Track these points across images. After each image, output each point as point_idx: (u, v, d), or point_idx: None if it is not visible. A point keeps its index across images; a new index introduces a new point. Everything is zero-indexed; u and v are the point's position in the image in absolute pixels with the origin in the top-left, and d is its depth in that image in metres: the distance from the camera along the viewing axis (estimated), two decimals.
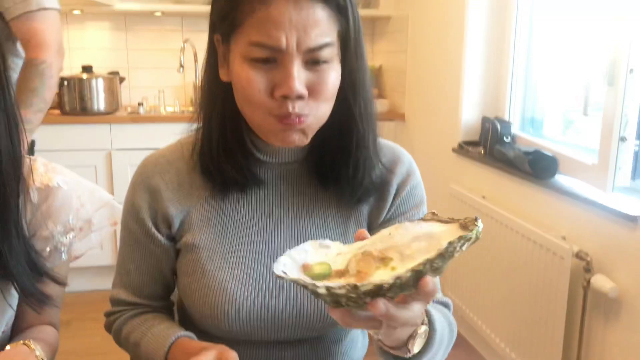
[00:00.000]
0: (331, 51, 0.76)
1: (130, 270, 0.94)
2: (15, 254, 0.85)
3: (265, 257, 0.88)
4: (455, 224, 0.62)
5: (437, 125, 2.78)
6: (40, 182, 0.92)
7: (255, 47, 0.74)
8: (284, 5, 0.72)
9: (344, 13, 0.76)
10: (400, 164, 0.94)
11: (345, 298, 0.56)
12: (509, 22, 2.36)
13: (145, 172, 0.91)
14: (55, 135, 2.87)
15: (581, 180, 1.84)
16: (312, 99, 0.77)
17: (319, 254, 0.63)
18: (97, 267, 3.04)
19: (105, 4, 3.02)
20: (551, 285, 1.80)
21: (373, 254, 0.61)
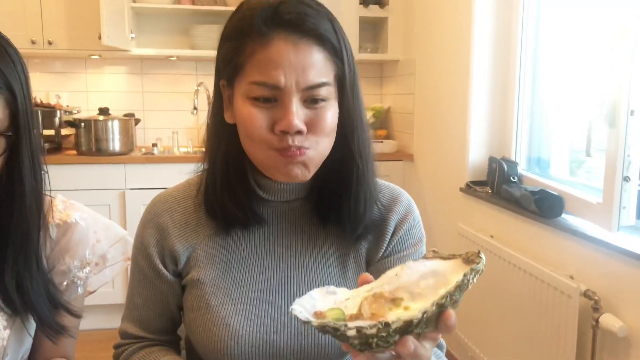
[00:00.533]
0: (328, 90, 0.81)
1: (138, 304, 0.97)
2: (36, 285, 0.89)
3: (267, 294, 0.91)
4: (458, 259, 0.64)
5: (445, 165, 2.82)
6: (59, 218, 0.97)
7: (256, 86, 0.79)
8: (283, 47, 0.78)
9: (340, 56, 0.82)
10: (398, 204, 0.97)
11: (376, 338, 0.57)
12: (513, 63, 2.43)
13: (154, 210, 0.95)
14: (72, 175, 2.94)
15: (587, 220, 1.86)
16: (311, 134, 0.81)
17: (328, 300, 0.63)
18: (109, 305, 3.06)
19: (123, 49, 3.13)
20: (560, 325, 1.80)
21: (384, 295, 0.62)
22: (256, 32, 0.79)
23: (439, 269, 0.63)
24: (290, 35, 0.78)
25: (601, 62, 1.93)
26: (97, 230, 1.02)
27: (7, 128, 0.82)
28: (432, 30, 2.95)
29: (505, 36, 2.46)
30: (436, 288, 0.61)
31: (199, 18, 3.45)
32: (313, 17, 0.79)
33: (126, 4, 3.10)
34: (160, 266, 0.94)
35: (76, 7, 3.13)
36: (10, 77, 0.82)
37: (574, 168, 2.20)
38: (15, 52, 0.84)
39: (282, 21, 0.78)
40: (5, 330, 0.90)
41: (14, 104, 0.82)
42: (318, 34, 0.79)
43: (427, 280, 0.62)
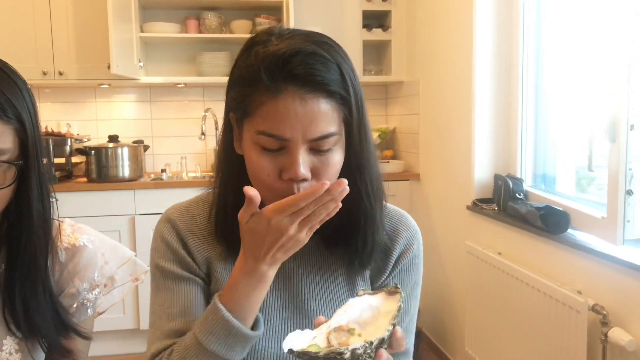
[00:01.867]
0: (335, 139, 0.82)
1: (174, 314, 0.92)
2: (42, 311, 0.91)
3: (280, 310, 0.93)
4: (383, 292, 0.82)
5: (451, 183, 2.84)
6: (67, 242, 0.99)
7: (264, 136, 0.80)
8: (291, 100, 0.78)
9: (347, 103, 0.82)
10: (404, 229, 0.99)
11: (365, 355, 0.72)
12: (515, 81, 2.46)
13: (171, 219, 0.96)
14: (82, 201, 2.99)
15: (593, 235, 1.87)
16: (315, 180, 0.82)
17: (302, 339, 0.76)
18: (120, 330, 3.08)
19: (132, 78, 3.20)
20: (569, 340, 1.79)
21: (343, 327, 0.78)
22: (264, 84, 0.79)
23: (372, 302, 0.81)
24: (298, 91, 0.78)
25: (600, 77, 1.96)
26: (105, 252, 1.03)
27: (17, 157, 0.85)
28: (435, 51, 2.99)
29: (506, 54, 2.49)
30: (375, 317, 0.79)
31: (206, 46, 3.53)
32: (322, 71, 0.79)
33: (134, 33, 3.18)
34: (192, 263, 0.94)
35: (86, 38, 3.21)
36: (19, 107, 0.84)
37: (584, 185, 2.21)
38: (22, 82, 0.87)
39: (291, 76, 0.78)
40: (17, 354, 0.92)
41: (24, 133, 0.85)
42: (327, 88, 0.79)
43: (367, 312, 0.80)
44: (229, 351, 0.82)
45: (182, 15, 3.48)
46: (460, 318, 2.72)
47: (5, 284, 0.91)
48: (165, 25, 3.36)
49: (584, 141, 2.09)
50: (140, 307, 3.07)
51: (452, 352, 2.91)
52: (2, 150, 0.82)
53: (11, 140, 0.83)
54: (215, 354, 0.82)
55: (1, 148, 0.81)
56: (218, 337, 0.82)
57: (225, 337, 0.82)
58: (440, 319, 3.00)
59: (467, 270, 2.55)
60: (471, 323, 2.53)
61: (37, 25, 3.18)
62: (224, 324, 0.81)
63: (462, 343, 2.65)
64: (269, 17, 3.41)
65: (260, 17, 3.42)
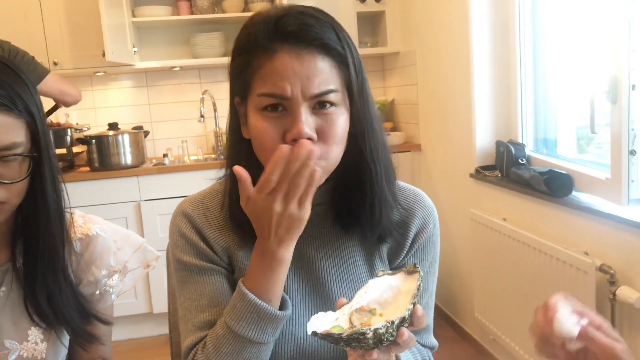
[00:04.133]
0: (336, 97, 0.82)
1: (203, 306, 0.92)
2: (65, 298, 0.94)
3: (303, 294, 0.94)
4: (402, 272, 0.83)
5: (453, 152, 2.84)
6: (80, 232, 1.01)
7: (264, 97, 0.81)
8: (288, 58, 0.80)
9: (345, 62, 0.83)
10: (420, 208, 0.99)
11: (387, 334, 0.73)
12: (513, 45, 2.44)
13: (186, 213, 0.96)
14: (86, 191, 3.00)
15: (597, 196, 1.88)
16: (322, 142, 0.82)
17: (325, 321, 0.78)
18: (133, 315, 3.12)
19: (127, 64, 3.18)
20: (578, 300, 1.82)
21: (364, 308, 0.79)
22: (260, 46, 0.81)
23: (392, 283, 0.82)
24: (293, 47, 0.80)
25: (600, 37, 1.95)
26: (117, 239, 1.06)
27: (30, 149, 0.87)
28: (430, 19, 2.97)
29: (502, 17, 2.47)
30: (395, 297, 0.80)
31: (199, 27, 3.50)
32: (315, 27, 0.81)
33: (127, 18, 3.15)
34: (213, 254, 0.94)
35: (78, 27, 3.18)
36: (28, 101, 0.86)
37: (583, 145, 2.21)
38: (27, 78, 0.89)
39: (284, 34, 0.80)
40: (42, 343, 0.95)
41: (34, 125, 0.87)
42: (321, 43, 0.80)
43: (387, 292, 0.81)
44: (261, 334, 0.84)
45: None
46: (469, 285, 2.76)
47: (25, 277, 0.93)
48: (156, 8, 3.33)
49: (584, 103, 2.09)
50: (152, 291, 3.10)
51: (462, 318, 2.95)
52: (17, 143, 0.84)
53: (24, 134, 0.85)
54: (248, 338, 0.83)
55: (16, 141, 0.84)
56: (248, 321, 0.83)
57: (256, 321, 0.83)
58: (449, 287, 3.04)
59: (473, 237, 2.57)
60: (480, 289, 2.56)
61: (28, 17, 3.15)
62: (253, 308, 0.83)
63: (471, 309, 2.69)
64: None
65: None
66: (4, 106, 0.82)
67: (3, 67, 0.86)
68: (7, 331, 0.93)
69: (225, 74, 0.91)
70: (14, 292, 0.95)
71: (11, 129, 0.83)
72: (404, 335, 0.74)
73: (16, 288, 0.95)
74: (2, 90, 0.83)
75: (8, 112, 0.83)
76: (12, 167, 0.85)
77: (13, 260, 0.95)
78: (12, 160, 0.84)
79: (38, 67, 2.66)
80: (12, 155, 0.84)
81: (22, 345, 0.93)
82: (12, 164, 0.85)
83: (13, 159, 0.84)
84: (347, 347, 0.74)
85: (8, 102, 0.83)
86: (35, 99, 0.88)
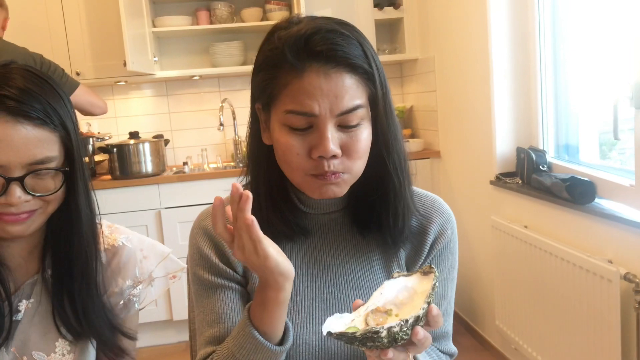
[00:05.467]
0: (362, 113, 0.83)
1: (213, 320, 0.94)
2: (96, 311, 0.95)
3: (319, 301, 0.94)
4: (417, 273, 0.83)
5: (473, 159, 2.82)
6: (107, 243, 1.02)
7: (292, 114, 0.82)
8: (315, 77, 0.80)
9: (371, 78, 0.84)
10: (438, 214, 0.99)
11: (401, 332, 0.73)
12: (533, 50, 2.42)
13: (203, 225, 0.97)
14: (108, 199, 3.03)
15: (621, 203, 1.85)
16: (346, 157, 0.84)
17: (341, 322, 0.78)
18: (154, 322, 3.14)
19: (147, 73, 3.22)
20: (602, 310, 1.79)
21: (380, 309, 0.79)
22: (289, 63, 0.81)
23: (407, 283, 0.82)
24: (322, 67, 0.80)
25: (622, 42, 1.92)
26: (144, 248, 1.07)
27: (63, 164, 0.88)
28: (449, 25, 2.96)
29: (522, 23, 2.45)
30: (411, 297, 0.80)
31: (218, 36, 3.53)
32: (343, 46, 0.81)
33: (147, 29, 3.19)
34: (226, 268, 0.95)
35: (100, 37, 3.24)
36: (63, 116, 0.87)
37: (606, 151, 2.18)
38: (64, 93, 0.90)
39: (313, 53, 0.80)
40: (69, 355, 0.96)
41: (69, 140, 0.88)
42: (349, 62, 0.81)
43: (403, 293, 0.81)
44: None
45: (192, 7, 3.48)
46: (489, 293, 2.73)
47: (54, 289, 0.94)
48: (176, 18, 3.37)
49: (606, 108, 2.06)
50: (172, 299, 3.12)
51: (482, 327, 2.91)
52: (51, 157, 0.85)
53: (58, 148, 0.87)
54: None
55: (50, 156, 0.85)
56: (248, 351, 0.84)
57: (254, 351, 0.84)
58: (469, 296, 3.01)
59: (494, 245, 2.54)
60: (501, 297, 2.53)
61: (52, 28, 3.21)
62: (252, 340, 0.84)
63: (492, 317, 2.66)
64: (280, 3, 3.40)
65: (270, 3, 3.40)
66: (40, 120, 0.83)
67: (41, 82, 0.87)
68: (35, 343, 0.94)
69: (244, 82, 0.92)
70: (43, 304, 0.95)
71: (46, 143, 0.84)
72: (418, 334, 0.73)
73: (45, 300, 0.96)
74: (39, 104, 0.84)
75: (43, 126, 0.84)
76: (45, 180, 0.86)
77: (42, 271, 0.96)
78: (45, 174, 0.86)
79: (69, 79, 2.75)
80: (45, 169, 0.85)
81: (49, 357, 0.94)
82: (45, 177, 0.86)
83: (46, 173, 0.86)
84: (362, 347, 0.74)
85: (44, 117, 0.84)
86: (71, 114, 0.90)
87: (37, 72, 0.89)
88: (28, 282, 0.96)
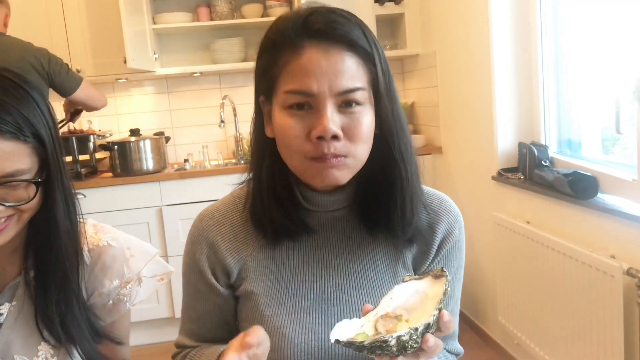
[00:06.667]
0: (362, 95, 0.81)
1: (192, 317, 1.00)
2: (77, 321, 0.92)
3: (320, 302, 0.92)
4: (429, 276, 0.80)
5: (475, 155, 2.81)
6: (91, 243, 0.98)
7: (290, 94, 0.81)
8: (315, 55, 0.79)
9: (372, 60, 0.82)
10: (446, 213, 0.97)
11: (411, 341, 0.71)
12: (534, 45, 2.41)
13: (202, 226, 0.97)
14: (109, 196, 3.03)
15: (623, 197, 1.84)
16: (347, 140, 0.81)
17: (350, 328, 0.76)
18: (155, 320, 3.14)
19: (148, 70, 3.21)
20: (605, 305, 1.78)
21: (390, 315, 0.77)
22: (288, 43, 0.81)
23: (419, 287, 0.79)
24: (321, 44, 0.80)
25: (624, 37, 1.91)
26: (130, 247, 1.03)
27: (35, 174, 0.83)
28: (450, 21, 2.95)
29: (523, 17, 2.44)
30: (422, 302, 0.77)
31: (218, 33, 3.52)
32: (343, 24, 0.81)
33: (147, 26, 3.19)
34: (213, 281, 0.95)
35: (100, 35, 3.23)
36: (36, 125, 0.82)
37: (608, 146, 2.17)
38: (38, 94, 0.85)
39: (312, 31, 0.80)
40: (52, 358, 0.93)
41: (43, 150, 0.83)
42: (348, 40, 0.80)
43: (414, 297, 0.79)
44: None
45: (192, 4, 3.47)
46: (492, 289, 2.72)
47: (36, 293, 0.92)
48: (176, 15, 3.36)
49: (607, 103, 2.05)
50: (174, 296, 3.12)
51: (485, 323, 2.91)
52: (22, 170, 0.81)
53: (30, 160, 0.82)
54: None
55: (21, 168, 0.80)
56: None
57: None
58: (472, 291, 3.00)
59: (496, 241, 2.53)
60: (503, 293, 2.52)
61: (52, 25, 3.20)
62: None
63: (494, 313, 2.65)
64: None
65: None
66: (10, 133, 0.78)
67: (15, 88, 0.82)
68: (18, 347, 0.91)
69: (245, 79, 0.91)
70: (25, 307, 0.92)
71: (15, 156, 0.79)
72: (428, 342, 0.72)
73: (27, 303, 0.93)
74: (8, 115, 0.78)
75: (13, 139, 0.79)
76: (17, 191, 0.82)
77: (25, 274, 0.93)
78: (17, 185, 0.81)
79: (75, 75, 2.78)
80: (16, 181, 0.81)
81: None
82: (17, 188, 0.82)
83: (17, 184, 0.81)
84: (371, 355, 0.73)
85: (13, 129, 0.78)
86: (47, 120, 0.84)
87: (12, 76, 0.84)
88: (10, 284, 0.93)
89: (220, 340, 1.01)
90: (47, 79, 2.68)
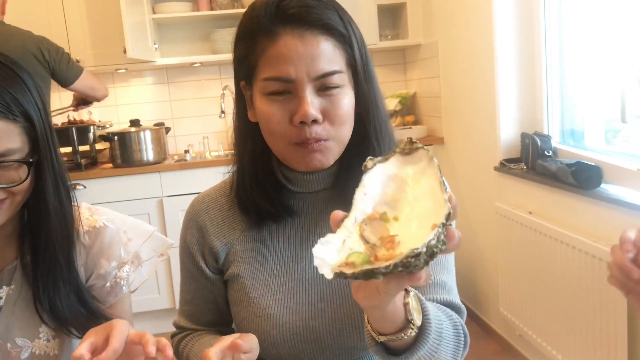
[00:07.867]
0: (341, 78, 0.83)
1: (187, 299, 1.04)
2: (68, 305, 0.92)
3: (304, 282, 0.93)
4: (396, 155, 0.65)
5: (477, 145, 2.80)
6: (87, 225, 0.99)
7: (269, 81, 0.82)
8: (291, 41, 0.80)
9: (349, 42, 0.83)
10: None
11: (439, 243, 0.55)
12: (538, 34, 2.38)
13: (193, 211, 1.00)
14: (109, 187, 3.02)
15: (627, 187, 1.82)
16: (328, 123, 0.83)
17: (331, 251, 0.59)
18: (157, 310, 3.14)
19: (148, 60, 3.19)
20: (609, 295, 1.77)
21: (373, 215, 0.61)
22: (263, 30, 0.82)
23: (389, 172, 0.64)
24: (296, 29, 0.80)
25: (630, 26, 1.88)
26: (127, 229, 1.04)
27: (27, 155, 0.84)
28: (452, 10, 2.92)
29: (527, 7, 2.42)
30: (401, 189, 0.62)
31: (218, 22, 3.49)
32: (316, 8, 0.81)
33: (147, 15, 3.16)
34: (202, 264, 0.99)
35: (99, 24, 3.21)
36: (26, 104, 0.82)
37: (610, 137, 2.16)
38: (29, 77, 0.85)
39: (287, 16, 0.81)
40: (54, 340, 0.94)
41: (33, 130, 0.84)
42: (323, 23, 0.81)
43: (389, 185, 0.63)
44: None
45: None
46: (493, 280, 2.71)
47: (33, 275, 0.92)
48: (176, 4, 3.33)
49: (611, 93, 2.03)
50: (174, 286, 3.12)
51: (486, 314, 2.90)
52: (13, 150, 0.81)
53: (20, 140, 0.82)
54: None
55: (11, 148, 0.81)
56: None
57: None
58: (473, 282, 2.99)
59: (498, 231, 2.52)
60: (505, 284, 2.51)
61: (51, 15, 3.18)
62: None
63: (496, 304, 2.65)
64: None
65: None
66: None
67: (2, 68, 0.82)
68: (18, 329, 0.92)
69: None
70: (24, 290, 0.93)
71: (6, 135, 0.80)
72: (454, 238, 0.58)
73: (26, 286, 0.93)
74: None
75: (2, 118, 0.79)
76: (9, 172, 0.82)
77: (21, 257, 0.94)
78: (8, 166, 0.82)
79: (75, 65, 2.75)
80: (7, 162, 0.81)
81: (33, 343, 0.92)
82: (8, 169, 0.82)
83: (8, 165, 0.81)
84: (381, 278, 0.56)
85: (3, 108, 0.79)
86: (37, 101, 0.85)
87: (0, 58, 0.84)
88: (7, 268, 0.93)
89: (214, 325, 1.04)
90: (49, 68, 2.67)
